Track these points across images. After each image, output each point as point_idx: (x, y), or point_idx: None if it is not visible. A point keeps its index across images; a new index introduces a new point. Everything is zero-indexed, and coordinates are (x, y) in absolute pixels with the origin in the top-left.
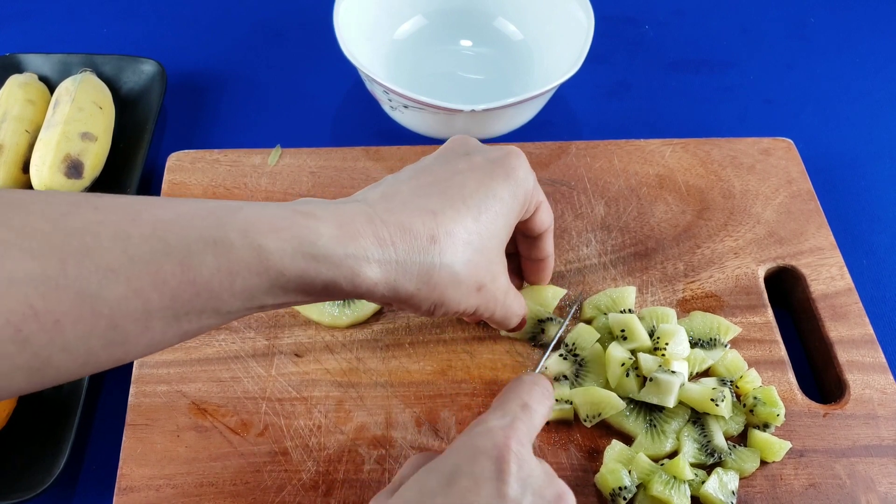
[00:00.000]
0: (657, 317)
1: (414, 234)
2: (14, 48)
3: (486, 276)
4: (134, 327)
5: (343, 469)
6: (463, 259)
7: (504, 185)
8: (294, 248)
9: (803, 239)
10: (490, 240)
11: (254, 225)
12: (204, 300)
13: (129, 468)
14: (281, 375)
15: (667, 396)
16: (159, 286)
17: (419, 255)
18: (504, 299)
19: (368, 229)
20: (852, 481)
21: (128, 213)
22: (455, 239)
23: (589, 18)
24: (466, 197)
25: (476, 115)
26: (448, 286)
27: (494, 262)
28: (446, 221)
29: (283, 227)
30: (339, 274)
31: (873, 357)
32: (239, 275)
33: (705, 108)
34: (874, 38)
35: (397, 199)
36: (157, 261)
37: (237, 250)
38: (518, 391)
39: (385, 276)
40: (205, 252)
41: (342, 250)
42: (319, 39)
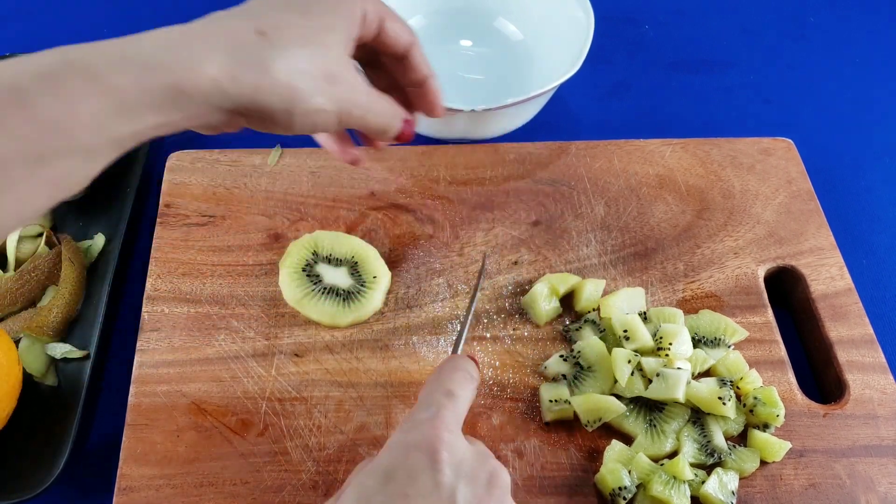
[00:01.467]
0: (664, 317)
1: (240, 32)
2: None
3: (333, 66)
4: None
5: (343, 469)
6: (299, 47)
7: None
8: (124, 61)
9: (803, 239)
10: (325, 33)
11: (77, 53)
12: (55, 137)
13: (129, 468)
14: (281, 375)
15: (675, 390)
16: (3, 132)
17: (250, 49)
18: (369, 92)
19: (193, 35)
20: (852, 481)
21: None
22: (284, 31)
23: (589, 18)
24: (291, 3)
25: (476, 115)
26: (293, 73)
27: (338, 56)
28: (270, 18)
29: (106, 49)
30: (175, 76)
31: (873, 357)
32: (79, 101)
33: (705, 108)
34: (874, 38)
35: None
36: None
37: (68, 78)
38: (440, 379)
39: (221, 69)
40: (38, 87)
41: (171, 55)
42: None
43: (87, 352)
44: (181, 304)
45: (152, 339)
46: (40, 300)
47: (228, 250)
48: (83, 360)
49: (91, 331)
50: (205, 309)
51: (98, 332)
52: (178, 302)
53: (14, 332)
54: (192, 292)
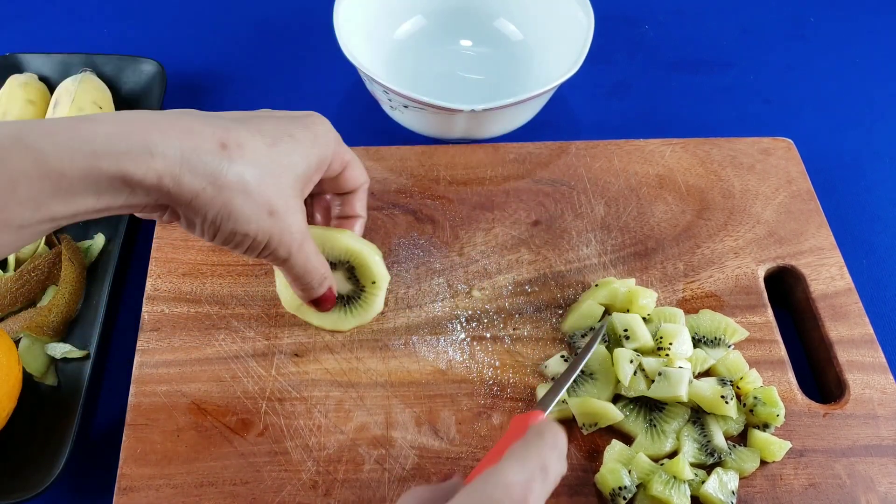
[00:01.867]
0: (664, 317)
1: (203, 136)
2: (14, 48)
3: (278, 202)
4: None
5: (343, 469)
6: (254, 172)
7: (303, 131)
8: (72, 147)
9: (803, 239)
10: (284, 169)
11: (26, 131)
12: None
13: (129, 468)
14: (281, 375)
15: (678, 388)
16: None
17: (206, 156)
18: (302, 243)
19: (152, 127)
20: (852, 481)
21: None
22: (246, 151)
23: (589, 18)
24: (263, 129)
25: (476, 115)
26: (236, 193)
27: (289, 194)
28: (238, 134)
29: (57, 130)
30: (121, 167)
31: (873, 357)
32: (19, 181)
33: (705, 108)
34: (874, 38)
35: (189, 113)
36: None
37: (13, 157)
38: (539, 449)
39: (168, 169)
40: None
41: (123, 145)
42: (319, 39)
43: (87, 352)
44: (181, 304)
45: (152, 339)
46: (40, 300)
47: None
48: (83, 360)
49: (91, 331)
50: (205, 309)
51: (98, 332)
52: (178, 302)
53: (14, 332)
54: (192, 292)
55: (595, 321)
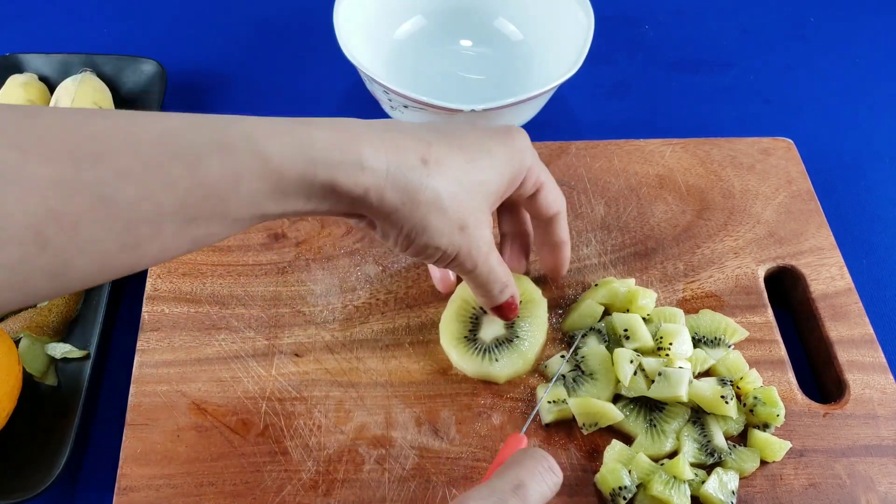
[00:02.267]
0: (664, 317)
1: (406, 151)
2: (14, 48)
3: (469, 218)
4: (147, 230)
5: (343, 469)
6: (449, 189)
7: (500, 146)
8: (293, 151)
9: (803, 239)
10: (478, 186)
11: (255, 131)
12: (212, 204)
13: (129, 468)
14: (281, 375)
15: (678, 388)
16: (169, 189)
17: (408, 172)
18: (488, 255)
19: (364, 139)
20: (852, 481)
21: (137, 122)
22: (444, 168)
23: (589, 18)
24: (463, 145)
25: (476, 115)
26: (431, 209)
27: (480, 209)
28: (439, 150)
29: (282, 132)
30: (334, 176)
31: (873, 357)
32: (243, 178)
33: (705, 108)
34: (874, 38)
35: (397, 125)
36: (166, 164)
37: (241, 154)
38: (517, 467)
39: (375, 183)
40: (211, 155)
41: (338, 154)
42: (319, 39)
43: (87, 352)
44: (181, 304)
45: (152, 339)
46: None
47: (228, 250)
48: (83, 360)
49: (91, 331)
50: (205, 309)
51: (98, 332)
52: (178, 302)
53: (14, 332)
54: (192, 292)
55: (595, 321)
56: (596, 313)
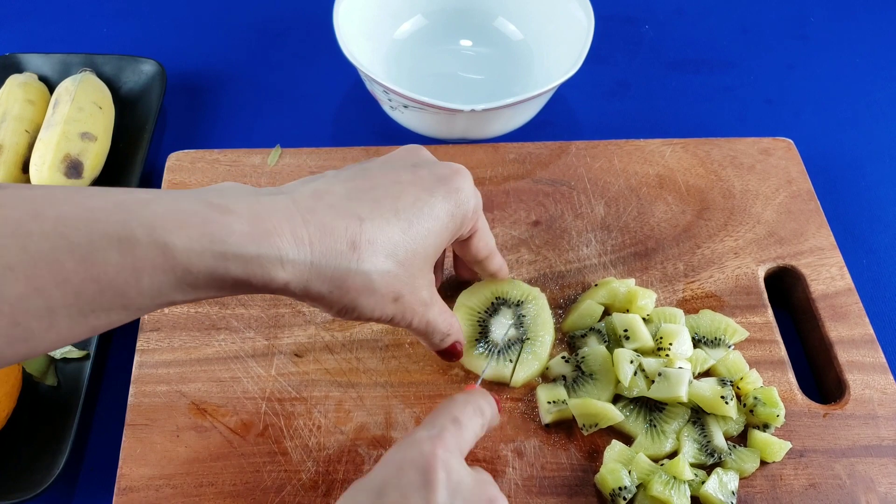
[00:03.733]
0: (664, 317)
1: (335, 237)
2: (14, 48)
3: (404, 288)
4: (37, 324)
5: (343, 469)
6: (381, 269)
7: (443, 204)
8: (202, 245)
9: (803, 239)
10: (415, 254)
11: (161, 221)
12: (109, 298)
13: (129, 468)
14: (281, 375)
15: (678, 388)
16: (61, 284)
17: (335, 259)
18: (424, 311)
19: (286, 227)
20: (852, 481)
21: (30, 209)
22: (376, 248)
23: (589, 18)
24: (400, 209)
25: (476, 115)
26: (361, 293)
27: (417, 275)
28: (371, 229)
29: (191, 223)
30: (249, 272)
31: (873, 357)
32: (145, 272)
33: (705, 108)
34: (874, 38)
35: (327, 198)
36: (58, 258)
37: (142, 248)
38: (449, 407)
39: (297, 277)
40: (108, 249)
41: (254, 249)
42: (319, 39)
43: (87, 352)
44: (181, 305)
45: (152, 339)
46: None
47: None
48: (83, 360)
49: None
50: (205, 309)
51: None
52: None
53: None
54: None
55: (594, 321)
56: (596, 313)
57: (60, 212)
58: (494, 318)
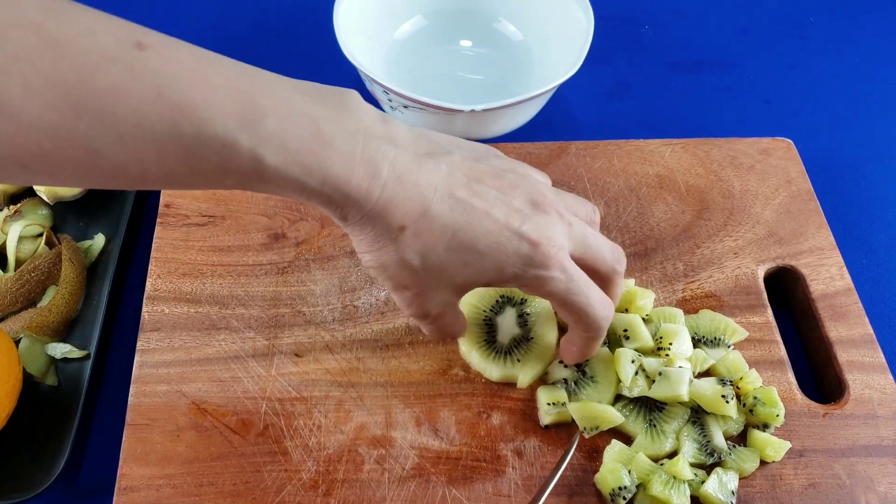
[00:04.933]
0: (664, 317)
1: (395, 208)
2: None
3: (413, 288)
4: (128, 183)
5: (343, 469)
6: (406, 259)
7: (497, 254)
8: (294, 174)
9: (803, 239)
10: (441, 273)
11: (267, 139)
12: (197, 181)
13: (129, 468)
14: (281, 375)
15: (679, 388)
16: (160, 163)
17: (381, 226)
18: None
19: (377, 183)
20: (852, 481)
21: (156, 86)
22: (416, 242)
23: (589, 19)
24: (459, 231)
25: (476, 115)
26: (381, 262)
27: (433, 288)
28: (425, 228)
29: (293, 149)
30: (316, 197)
31: (873, 357)
32: (232, 174)
33: (705, 108)
34: (874, 38)
35: (432, 161)
36: (165, 142)
37: (240, 158)
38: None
39: (355, 216)
40: (211, 149)
41: (333, 191)
42: (319, 39)
43: (87, 352)
44: (181, 304)
45: (152, 339)
46: (40, 300)
47: (228, 250)
48: (83, 360)
49: (91, 331)
50: (205, 309)
51: (98, 332)
52: (178, 302)
53: (14, 332)
54: (192, 292)
55: None
56: None
57: (181, 99)
58: (500, 316)
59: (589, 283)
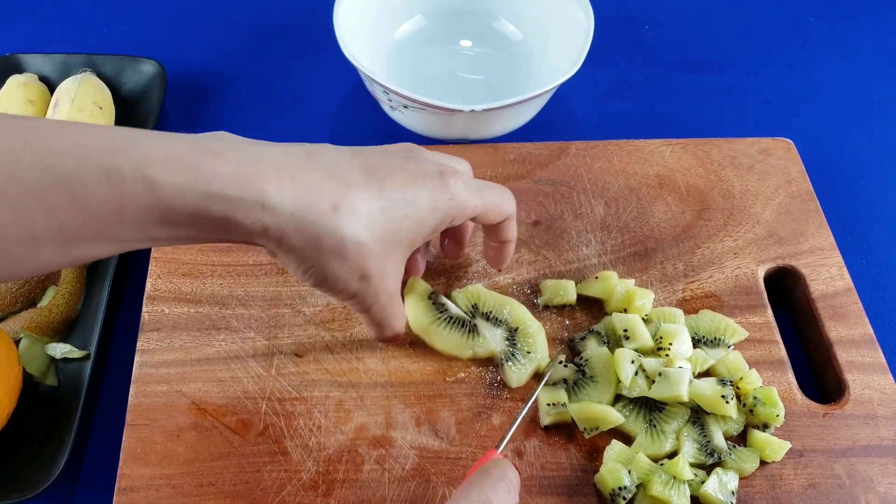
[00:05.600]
0: (664, 317)
1: (319, 194)
2: (14, 48)
3: (373, 268)
4: (21, 251)
5: (343, 469)
6: (357, 237)
7: (427, 197)
8: (188, 184)
9: (803, 239)
10: (390, 235)
11: (150, 157)
12: (94, 229)
13: (129, 468)
14: (281, 375)
15: (679, 388)
16: (45, 213)
17: (315, 215)
18: (386, 302)
19: (273, 176)
20: (852, 481)
21: (21, 139)
22: (356, 216)
23: (589, 18)
24: (385, 188)
25: (476, 115)
26: (333, 255)
27: (388, 259)
28: (355, 198)
29: (179, 161)
30: (229, 213)
31: (873, 357)
32: (129, 207)
33: (705, 108)
34: (874, 38)
35: (318, 160)
36: (44, 187)
37: (128, 182)
38: (482, 486)
39: (275, 224)
40: (96, 182)
41: (237, 191)
42: (319, 39)
43: (87, 352)
44: (181, 304)
45: (152, 339)
46: (40, 300)
47: (228, 250)
48: (83, 360)
49: (91, 331)
50: (205, 309)
51: (98, 332)
52: (178, 302)
53: (14, 332)
54: (192, 292)
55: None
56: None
57: (51, 144)
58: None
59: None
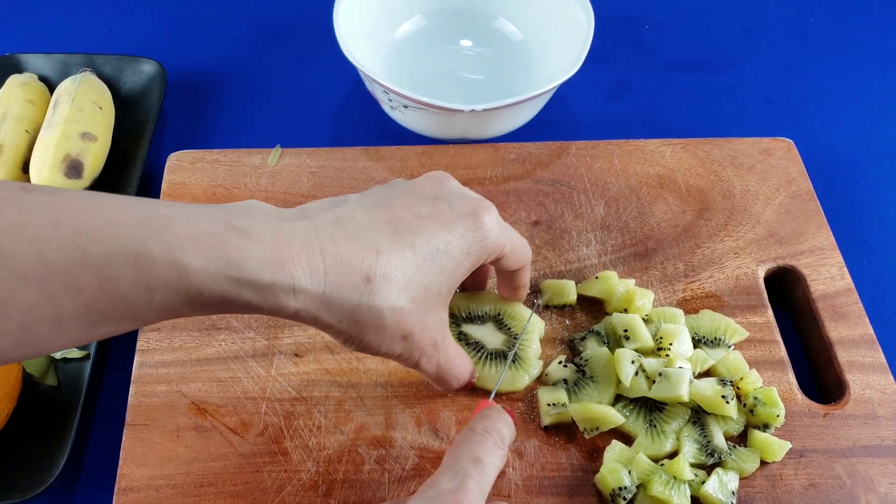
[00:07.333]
0: (664, 317)
1: (350, 268)
2: (14, 48)
3: (415, 326)
4: (46, 331)
5: (343, 469)
6: (393, 305)
7: (460, 241)
8: (218, 269)
9: (803, 239)
10: (428, 291)
11: (180, 241)
12: (121, 311)
13: (129, 468)
14: (281, 375)
15: (679, 388)
16: (73, 295)
17: (348, 291)
18: (434, 353)
19: (303, 256)
20: (852, 481)
21: (51, 217)
22: (390, 282)
23: (589, 18)
24: (416, 244)
25: (476, 115)
26: (370, 328)
27: (428, 313)
28: (387, 263)
29: (210, 245)
30: (261, 298)
31: (873, 357)
32: (157, 290)
33: (705, 108)
34: (874, 38)
35: (347, 227)
36: (73, 270)
37: (158, 266)
38: (469, 443)
39: (308, 306)
40: (124, 265)
41: (269, 276)
42: (319, 39)
43: (87, 352)
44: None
45: (152, 339)
46: None
47: None
48: (83, 360)
49: None
50: None
51: None
52: None
53: None
54: None
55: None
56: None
57: (81, 222)
58: (480, 328)
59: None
